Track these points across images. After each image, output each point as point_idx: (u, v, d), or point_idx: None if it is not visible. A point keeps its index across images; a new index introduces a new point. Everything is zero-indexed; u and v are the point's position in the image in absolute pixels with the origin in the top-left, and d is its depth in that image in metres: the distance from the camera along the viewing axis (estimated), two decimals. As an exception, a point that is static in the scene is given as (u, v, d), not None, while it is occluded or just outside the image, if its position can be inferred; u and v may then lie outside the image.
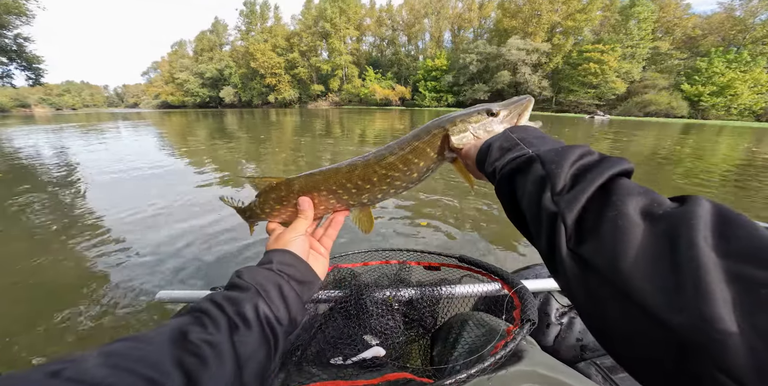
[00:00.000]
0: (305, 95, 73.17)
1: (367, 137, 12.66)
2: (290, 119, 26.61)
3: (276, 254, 0.64)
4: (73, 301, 2.40)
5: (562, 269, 0.33)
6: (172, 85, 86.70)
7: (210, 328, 0.44)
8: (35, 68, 22.16)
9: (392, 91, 60.64)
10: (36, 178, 6.08)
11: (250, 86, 74.40)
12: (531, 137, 0.49)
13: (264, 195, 0.78)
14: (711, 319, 0.22)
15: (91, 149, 10.15)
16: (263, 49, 66.58)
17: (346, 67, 67.46)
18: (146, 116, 40.08)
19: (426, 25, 67.39)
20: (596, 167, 0.37)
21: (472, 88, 49.76)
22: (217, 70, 78.65)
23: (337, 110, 47.93)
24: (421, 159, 0.67)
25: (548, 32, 47.43)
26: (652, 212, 0.30)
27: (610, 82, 40.41)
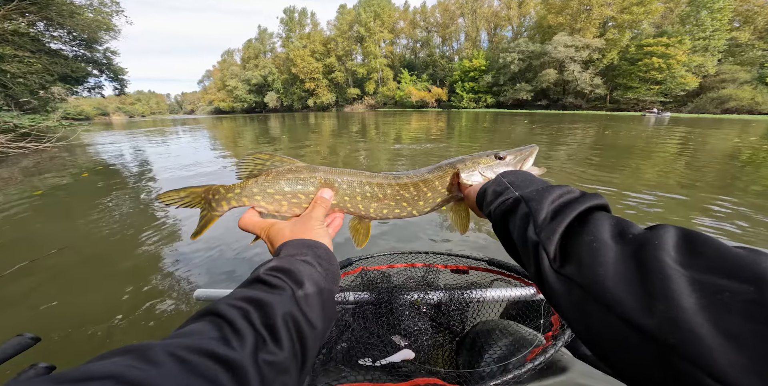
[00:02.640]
0: (342, 99, 73.08)
1: (404, 140, 11.97)
2: (328, 122, 26.36)
3: (309, 244, 0.53)
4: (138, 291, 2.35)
5: (550, 289, 0.36)
6: (223, 92, 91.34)
7: (233, 343, 0.34)
8: (120, 79, 23.65)
9: (428, 93, 58.21)
10: (119, 176, 6.45)
11: (291, 91, 75.93)
12: (519, 181, 0.53)
13: (276, 174, 0.67)
14: (680, 322, 0.24)
15: (159, 150, 10.86)
16: (302, 54, 67.36)
17: (381, 70, 66.27)
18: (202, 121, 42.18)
19: (461, 26, 63.82)
20: (575, 202, 0.41)
21: (513, 88, 46.00)
22: (261, 77, 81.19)
23: (373, 113, 46.92)
24: (429, 190, 0.70)
25: (600, 27, 42.33)
26: (624, 236, 0.33)
27: (678, 77, 34.79)
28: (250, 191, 0.67)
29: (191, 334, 0.33)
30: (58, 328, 1.97)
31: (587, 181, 5.14)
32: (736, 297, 0.23)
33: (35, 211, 4.26)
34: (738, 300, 0.23)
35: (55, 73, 16.72)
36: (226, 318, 0.36)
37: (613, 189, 4.56)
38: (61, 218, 4.00)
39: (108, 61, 21.82)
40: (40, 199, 4.83)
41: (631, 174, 5.52)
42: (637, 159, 6.90)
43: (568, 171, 5.83)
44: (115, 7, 19.57)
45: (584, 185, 4.85)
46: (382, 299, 0.95)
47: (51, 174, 6.81)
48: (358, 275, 1.12)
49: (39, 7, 14.16)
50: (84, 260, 2.86)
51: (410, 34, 69.86)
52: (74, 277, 2.59)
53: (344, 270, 1.14)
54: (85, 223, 3.73)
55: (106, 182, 5.90)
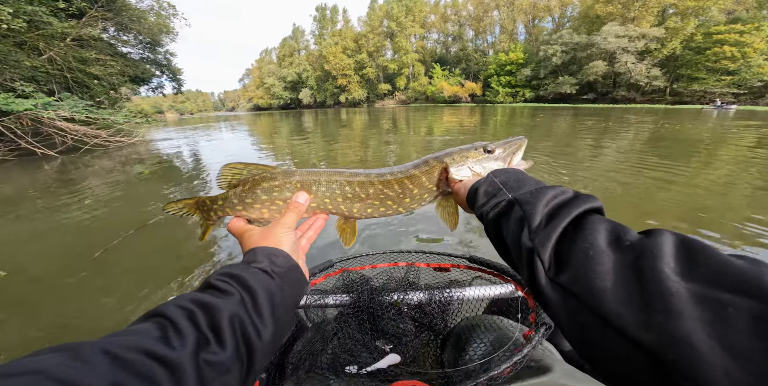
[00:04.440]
0: (373, 94, 72.27)
1: (435, 134, 11.82)
2: (359, 117, 26.43)
3: (266, 252, 0.52)
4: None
5: (545, 297, 0.34)
6: (261, 90, 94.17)
7: (174, 342, 0.32)
8: (178, 79, 25.05)
9: (461, 87, 55.43)
10: (177, 171, 6.93)
11: (323, 88, 76.36)
12: (511, 181, 0.51)
13: (252, 183, 0.66)
14: (681, 337, 0.22)
15: (211, 145, 11.71)
16: (334, 51, 67.05)
17: (412, 65, 64.35)
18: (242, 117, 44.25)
19: (496, 18, 59.67)
20: (568, 204, 0.39)
21: (555, 81, 42.33)
22: (296, 74, 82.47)
23: (404, 108, 46.01)
24: (416, 186, 0.67)
25: (658, 16, 37.29)
26: (620, 243, 0.31)
27: (755, 67, 29.88)
28: (230, 203, 0.67)
29: (130, 333, 0.33)
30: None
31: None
32: (741, 313, 0.22)
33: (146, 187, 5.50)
34: (744, 316, 0.22)
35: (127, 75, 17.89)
36: (170, 319, 0.35)
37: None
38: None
39: (168, 62, 22.80)
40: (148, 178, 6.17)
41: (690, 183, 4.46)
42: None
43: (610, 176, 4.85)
44: (172, 11, 20.42)
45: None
46: (363, 302, 0.92)
47: (150, 161, 8.30)
48: (340, 277, 1.08)
49: (114, 13, 15.02)
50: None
51: (441, 28, 66.67)
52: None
53: (326, 272, 1.10)
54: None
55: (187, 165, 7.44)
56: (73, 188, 5.34)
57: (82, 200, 4.65)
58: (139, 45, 19.90)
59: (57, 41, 11.80)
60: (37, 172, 7.42)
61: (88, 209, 4.17)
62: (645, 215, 3.40)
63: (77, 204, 4.44)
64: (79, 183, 5.76)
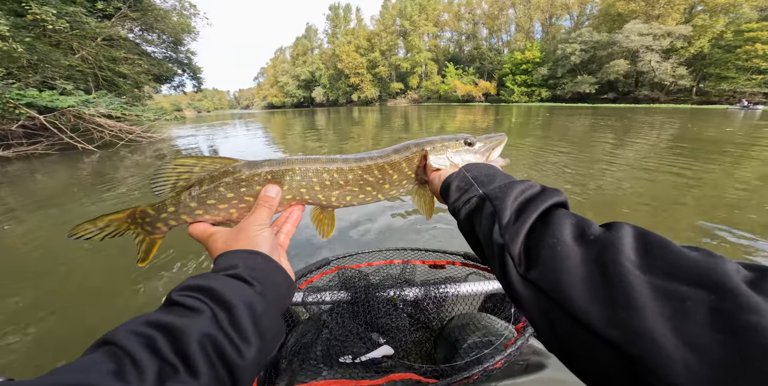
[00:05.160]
0: (385, 93, 72.12)
1: (448, 133, 11.94)
2: (371, 116, 26.59)
3: (240, 256, 0.46)
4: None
5: (516, 294, 0.34)
6: (275, 88, 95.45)
7: (129, 376, 0.27)
8: (198, 77, 25.77)
9: (475, 86, 54.59)
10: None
11: (336, 86, 76.76)
12: (482, 176, 0.51)
13: (211, 180, 0.56)
14: (644, 333, 0.22)
15: (228, 142, 12.21)
16: (347, 50, 67.20)
17: (425, 64, 63.89)
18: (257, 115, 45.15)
19: (511, 16, 58.40)
20: (535, 199, 0.39)
21: (574, 80, 41.12)
22: (309, 73, 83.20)
23: (416, 107, 45.84)
24: (395, 172, 0.65)
25: (685, 13, 35.69)
26: (585, 237, 0.31)
27: (790, 66, 28.26)
28: (187, 207, 0.56)
29: (77, 370, 0.27)
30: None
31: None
32: (698, 306, 0.22)
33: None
34: (701, 308, 0.22)
35: (152, 73, 18.59)
36: (123, 348, 0.30)
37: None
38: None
39: (189, 61, 23.36)
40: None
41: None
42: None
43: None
44: (193, 10, 20.97)
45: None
46: (359, 297, 0.92)
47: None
48: (336, 275, 1.09)
49: (141, 13, 15.62)
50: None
51: (455, 26, 65.80)
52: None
53: (322, 270, 1.12)
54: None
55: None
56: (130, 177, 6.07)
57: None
58: (163, 44, 20.48)
59: (89, 41, 12.39)
60: (85, 164, 7.91)
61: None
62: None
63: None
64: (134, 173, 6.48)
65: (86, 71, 12.55)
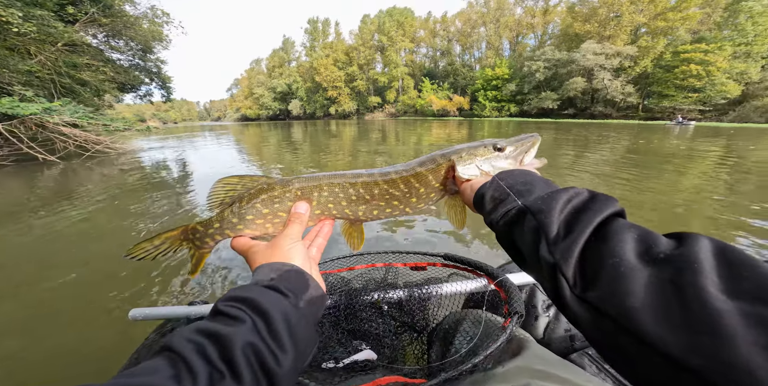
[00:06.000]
0: (363, 107, 74.24)
1: (423, 145, 12.51)
2: (349, 129, 26.68)
3: (276, 268, 0.51)
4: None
5: (573, 314, 0.33)
6: (250, 100, 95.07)
7: (185, 382, 0.32)
8: (168, 87, 25.22)
9: (449, 101, 58.07)
10: (163, 182, 6.92)
11: (313, 99, 77.98)
12: (518, 184, 0.48)
13: (250, 198, 0.63)
14: (737, 364, 0.21)
15: (201, 153, 11.98)
16: (326, 63, 69.24)
17: (401, 78, 67.01)
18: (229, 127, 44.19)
19: (482, 34, 63.76)
20: (586, 209, 0.37)
21: (538, 96, 45.15)
22: (286, 85, 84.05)
23: (393, 121, 47.27)
24: (422, 185, 0.64)
25: (631, 34, 41.14)
26: (653, 255, 0.29)
27: (718, 85, 33.08)
28: (229, 223, 0.63)
29: (142, 373, 0.32)
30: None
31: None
32: None
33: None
34: None
35: (116, 81, 18.10)
36: (180, 354, 0.34)
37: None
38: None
39: (158, 70, 23.16)
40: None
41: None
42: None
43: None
44: (166, 18, 21.05)
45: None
46: (341, 303, 0.93)
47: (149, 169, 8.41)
48: None
49: (111, 18, 15.47)
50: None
51: (430, 43, 70.53)
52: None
53: None
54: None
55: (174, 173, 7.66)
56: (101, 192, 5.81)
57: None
58: (130, 51, 20.28)
59: (48, 45, 12.09)
60: (45, 176, 7.42)
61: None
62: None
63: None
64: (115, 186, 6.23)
65: (45, 77, 12.13)
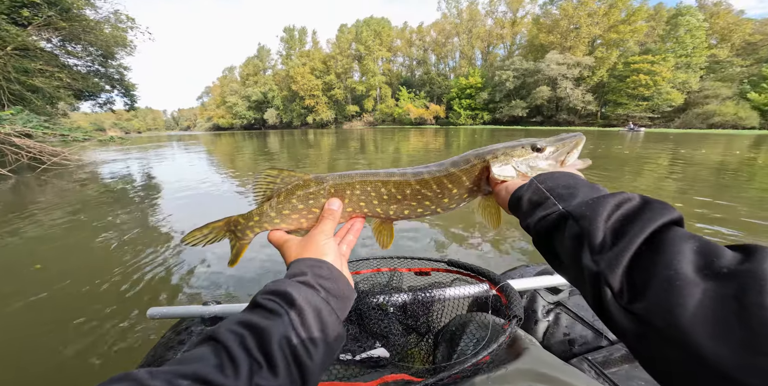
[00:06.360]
0: (341, 116, 74.79)
1: (402, 153, 12.70)
2: (327, 139, 26.46)
3: (309, 263, 0.53)
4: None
5: (615, 324, 0.32)
6: (222, 109, 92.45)
7: (228, 370, 0.35)
8: (131, 95, 23.98)
9: (426, 110, 60.10)
10: (125, 198, 6.54)
11: (290, 108, 77.49)
12: (560, 187, 0.45)
13: (287, 194, 0.66)
14: None
15: (164, 167, 11.16)
16: (302, 72, 69.40)
17: (379, 87, 68.41)
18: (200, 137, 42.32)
19: (456, 44, 67.09)
20: (638, 218, 0.34)
21: (509, 104, 47.95)
22: (261, 94, 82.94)
23: (372, 130, 47.75)
24: (455, 186, 0.64)
25: (589, 45, 45.18)
26: (715, 270, 0.27)
27: (664, 94, 36.97)
28: (268, 216, 0.67)
29: (190, 361, 0.35)
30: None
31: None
32: None
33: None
34: None
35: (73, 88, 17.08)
36: (223, 344, 0.37)
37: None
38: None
39: (121, 76, 22.18)
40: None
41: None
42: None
43: None
44: (131, 24, 20.30)
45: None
46: (352, 305, 1.09)
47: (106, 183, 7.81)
48: None
49: (69, 22, 14.69)
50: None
51: (407, 52, 73.13)
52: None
53: None
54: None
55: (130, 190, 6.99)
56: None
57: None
58: (89, 57, 19.34)
59: (-5, 50, 11.32)
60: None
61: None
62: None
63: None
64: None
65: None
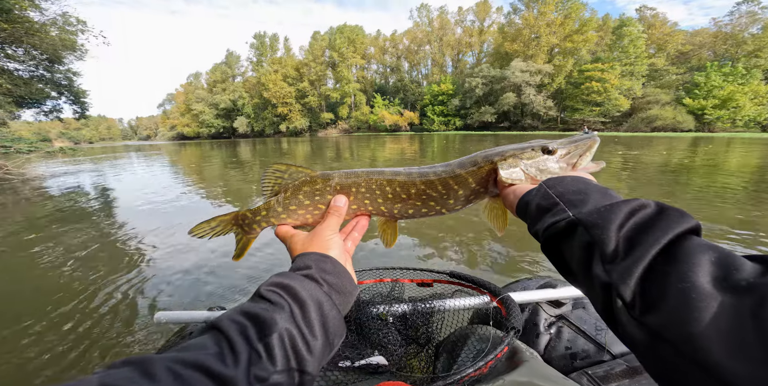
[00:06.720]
0: (315, 124, 74.38)
1: (378, 160, 13.04)
2: (302, 147, 26.43)
3: (314, 258, 0.53)
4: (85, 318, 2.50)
5: (626, 335, 0.31)
6: (187, 117, 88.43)
7: (228, 359, 0.36)
8: (82, 102, 22.27)
9: (401, 116, 61.51)
10: (87, 217, 6.19)
11: (262, 116, 75.88)
12: (570, 193, 0.44)
13: (294, 189, 0.68)
14: None
15: (122, 179, 10.60)
16: (275, 79, 68.49)
17: (354, 94, 69.03)
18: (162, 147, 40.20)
19: (428, 52, 69.73)
20: (653, 227, 0.33)
21: (479, 110, 50.51)
22: (230, 101, 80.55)
23: (347, 137, 48.09)
24: (461, 187, 0.64)
25: (548, 54, 49.00)
26: (733, 282, 0.26)
27: (613, 100, 40.94)
28: (275, 211, 0.69)
29: (192, 348, 0.36)
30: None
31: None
32: None
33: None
34: None
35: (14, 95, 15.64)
36: (225, 333, 0.38)
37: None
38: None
39: (69, 82, 20.65)
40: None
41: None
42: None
43: None
44: (81, 26, 19.15)
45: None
46: (351, 315, 1.01)
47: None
48: None
49: (12, 24, 13.60)
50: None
51: (380, 59, 74.86)
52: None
53: None
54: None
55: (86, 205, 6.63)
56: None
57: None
58: (32, 61, 17.87)
59: None
60: None
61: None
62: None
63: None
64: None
65: None
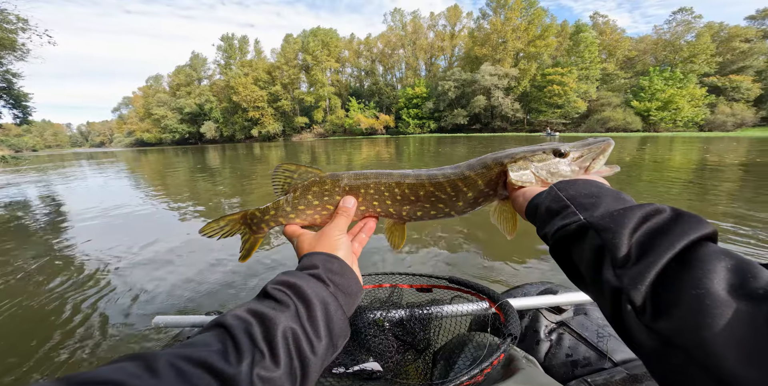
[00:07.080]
0: (289, 128, 73.28)
1: (355, 164, 13.29)
2: (275, 152, 26.12)
3: (321, 258, 0.54)
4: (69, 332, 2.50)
5: (634, 341, 0.31)
6: (147, 122, 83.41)
7: (231, 357, 0.36)
8: (23, 106, 20.03)
9: (376, 120, 62.28)
10: (28, 225, 5.90)
11: (232, 121, 73.41)
12: (581, 196, 0.43)
13: (303, 189, 0.70)
14: None
15: (74, 190, 9.94)
16: (245, 82, 66.56)
17: (328, 98, 68.66)
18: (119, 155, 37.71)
19: (402, 55, 71.11)
20: (668, 232, 0.33)
21: (452, 113, 52.60)
22: (197, 105, 77.07)
23: (323, 142, 47.91)
24: (470, 189, 0.64)
25: (514, 58, 52.13)
26: (749, 290, 0.26)
27: (572, 102, 44.54)
28: (283, 211, 0.70)
29: (196, 345, 0.37)
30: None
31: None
32: None
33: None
34: None
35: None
36: (229, 331, 0.38)
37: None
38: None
39: (9, 85, 18.43)
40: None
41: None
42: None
43: None
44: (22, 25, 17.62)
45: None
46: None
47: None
48: None
49: None
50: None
51: (355, 63, 75.15)
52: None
53: None
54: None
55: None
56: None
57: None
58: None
59: None
60: None
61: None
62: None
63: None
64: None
65: None
